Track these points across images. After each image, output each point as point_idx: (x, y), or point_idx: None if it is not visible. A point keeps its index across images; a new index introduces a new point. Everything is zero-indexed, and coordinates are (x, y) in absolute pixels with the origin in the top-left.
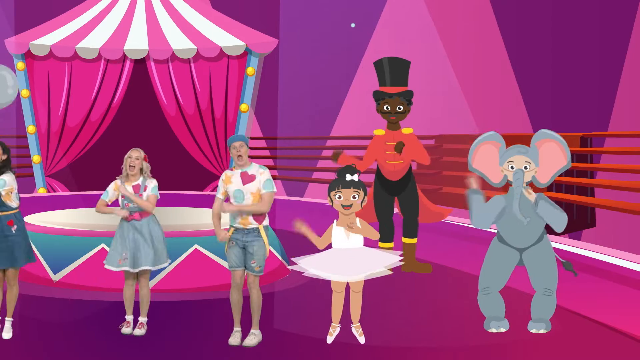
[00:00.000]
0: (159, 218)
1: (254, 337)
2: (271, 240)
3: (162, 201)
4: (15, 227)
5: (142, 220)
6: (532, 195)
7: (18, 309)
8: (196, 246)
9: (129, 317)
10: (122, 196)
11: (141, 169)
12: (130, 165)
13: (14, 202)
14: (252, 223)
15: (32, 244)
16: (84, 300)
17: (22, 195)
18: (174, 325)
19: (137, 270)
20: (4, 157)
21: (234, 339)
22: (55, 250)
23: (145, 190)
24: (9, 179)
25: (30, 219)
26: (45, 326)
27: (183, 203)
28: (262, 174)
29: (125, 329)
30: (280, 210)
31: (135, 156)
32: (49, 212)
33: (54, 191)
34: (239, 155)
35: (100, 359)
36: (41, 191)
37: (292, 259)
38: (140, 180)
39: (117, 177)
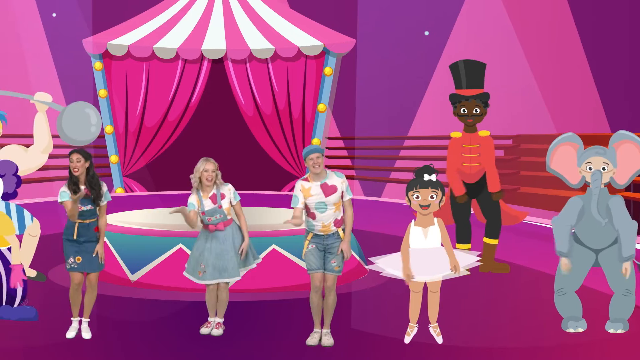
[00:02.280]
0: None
1: (331, 337)
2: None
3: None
4: (99, 232)
5: (226, 229)
6: None
7: (96, 309)
8: (274, 246)
9: (212, 319)
10: (203, 212)
11: (215, 181)
12: (207, 179)
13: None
14: (332, 230)
15: (108, 244)
16: (161, 301)
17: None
18: (251, 325)
19: (220, 281)
20: (87, 164)
21: (312, 340)
22: (133, 250)
23: (222, 198)
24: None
25: (108, 219)
26: (122, 326)
27: (260, 203)
28: (342, 183)
29: (204, 329)
30: (358, 210)
31: (211, 169)
32: (126, 212)
33: (132, 191)
34: (316, 166)
35: (177, 359)
36: (119, 191)
37: (370, 259)
38: (214, 190)
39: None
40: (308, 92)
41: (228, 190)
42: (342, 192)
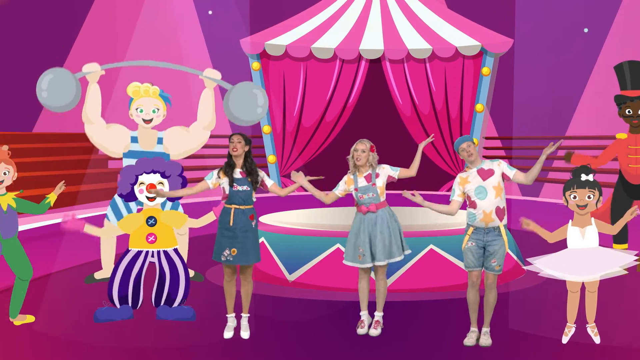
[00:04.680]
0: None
1: (489, 337)
2: (507, 239)
3: (396, 201)
4: (254, 221)
5: (378, 212)
6: None
7: (253, 309)
8: (431, 246)
9: (364, 315)
10: (356, 189)
11: (369, 161)
12: (356, 159)
13: (254, 198)
14: (494, 220)
15: (266, 244)
16: (319, 300)
17: (257, 195)
18: (409, 325)
19: (372, 265)
20: (247, 148)
21: (469, 340)
22: (291, 250)
23: (377, 177)
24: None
25: (266, 219)
26: (280, 326)
27: (417, 203)
28: (499, 165)
29: (360, 330)
30: (515, 210)
31: (361, 149)
32: (284, 212)
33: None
34: (470, 154)
35: (334, 358)
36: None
37: (528, 259)
38: (370, 170)
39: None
40: (465, 92)
41: (383, 169)
42: (502, 172)
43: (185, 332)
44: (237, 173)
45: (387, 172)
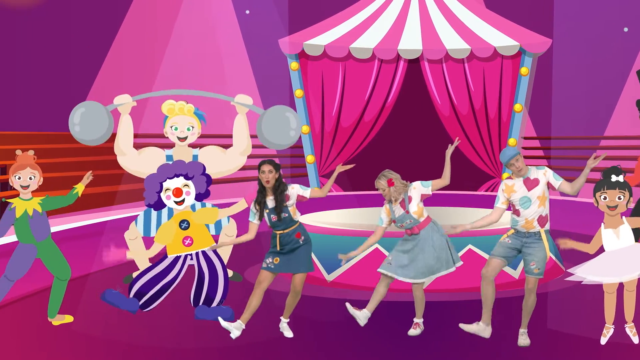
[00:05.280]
0: (435, 218)
1: (527, 337)
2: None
3: (436, 201)
4: (303, 237)
5: (422, 232)
6: None
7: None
8: (470, 246)
9: (365, 310)
10: (394, 220)
11: (393, 195)
12: (384, 196)
13: (297, 215)
14: (535, 227)
15: None
16: (357, 301)
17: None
18: (448, 325)
19: (412, 281)
20: (277, 175)
21: (468, 327)
22: (329, 250)
23: (410, 201)
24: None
25: (304, 219)
26: (319, 326)
27: (457, 203)
28: (544, 174)
29: (351, 309)
30: (553, 210)
31: (381, 188)
32: (322, 212)
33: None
34: (519, 169)
35: (373, 358)
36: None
37: (569, 270)
38: (402, 196)
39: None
40: (504, 92)
41: (414, 190)
42: (548, 182)
43: (224, 332)
44: (271, 201)
45: (419, 191)
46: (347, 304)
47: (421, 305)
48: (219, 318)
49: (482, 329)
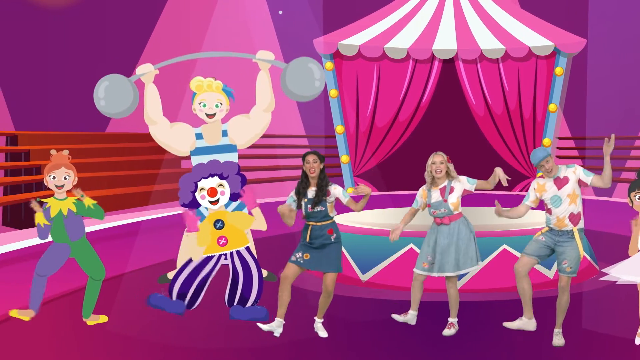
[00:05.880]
0: (470, 218)
1: (561, 337)
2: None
3: (470, 201)
4: (335, 235)
5: (451, 224)
6: None
7: (327, 308)
8: (505, 246)
9: (412, 312)
10: (428, 205)
11: (447, 172)
12: (436, 172)
13: (333, 212)
14: (567, 225)
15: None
16: (392, 301)
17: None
18: (483, 325)
19: (439, 275)
20: (321, 166)
21: (511, 324)
22: (364, 250)
23: (451, 192)
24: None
25: (339, 219)
26: (353, 325)
27: (492, 203)
28: (574, 172)
29: (398, 316)
30: (588, 210)
31: (439, 161)
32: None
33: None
34: (549, 170)
35: (408, 359)
36: (349, 191)
37: (604, 270)
38: (445, 183)
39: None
40: (539, 92)
41: (459, 182)
42: (579, 179)
43: (258, 333)
44: (312, 192)
45: (463, 185)
46: (393, 315)
47: (455, 305)
48: (259, 324)
49: (525, 323)
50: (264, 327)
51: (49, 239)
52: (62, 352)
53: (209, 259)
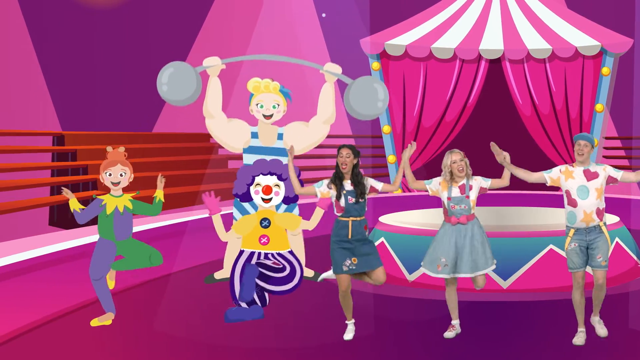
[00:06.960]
0: (513, 218)
1: (603, 326)
2: (625, 239)
3: (515, 201)
4: (367, 231)
5: (468, 224)
6: None
7: (372, 309)
8: (551, 246)
9: (456, 322)
10: (449, 198)
11: (466, 170)
12: (458, 170)
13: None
14: (594, 220)
15: (385, 244)
16: (438, 301)
17: (377, 196)
18: (528, 325)
19: (455, 276)
20: (355, 161)
21: (579, 339)
22: (411, 250)
23: (470, 189)
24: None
25: (386, 219)
26: (399, 325)
27: (539, 203)
28: (604, 170)
29: (448, 333)
30: (636, 210)
31: (459, 158)
32: (404, 212)
33: (409, 191)
34: (581, 154)
35: (451, 358)
36: (396, 191)
37: None
38: (464, 180)
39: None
40: (585, 92)
41: (475, 180)
42: (608, 176)
43: (303, 332)
44: (348, 185)
45: (479, 183)
46: (446, 335)
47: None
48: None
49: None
50: (348, 335)
51: (87, 223)
52: (108, 351)
53: (250, 257)
